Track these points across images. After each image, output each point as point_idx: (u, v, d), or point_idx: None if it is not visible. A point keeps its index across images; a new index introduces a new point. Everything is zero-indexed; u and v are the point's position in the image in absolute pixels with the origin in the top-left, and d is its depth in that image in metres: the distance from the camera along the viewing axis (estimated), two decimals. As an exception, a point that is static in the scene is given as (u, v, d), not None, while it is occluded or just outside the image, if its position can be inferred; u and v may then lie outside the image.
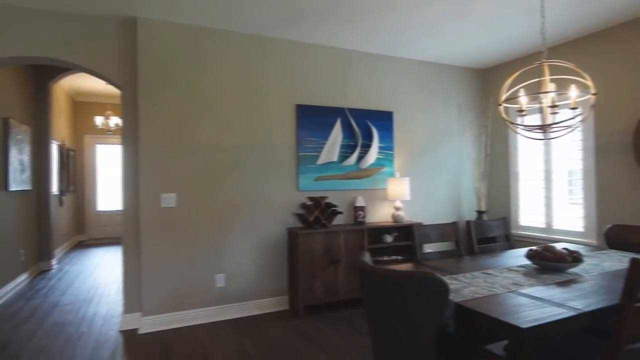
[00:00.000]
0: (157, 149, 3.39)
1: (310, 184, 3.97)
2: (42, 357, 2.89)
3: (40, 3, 3.09)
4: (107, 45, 3.36)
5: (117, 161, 8.78)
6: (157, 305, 3.39)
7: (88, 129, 8.31)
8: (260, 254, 3.78)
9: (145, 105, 3.35)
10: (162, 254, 3.40)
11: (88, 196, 8.47)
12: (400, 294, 1.51)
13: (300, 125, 3.93)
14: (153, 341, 3.15)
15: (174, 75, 3.45)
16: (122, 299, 4.18)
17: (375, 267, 1.58)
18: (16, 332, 3.37)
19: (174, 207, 3.43)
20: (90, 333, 3.34)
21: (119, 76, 3.41)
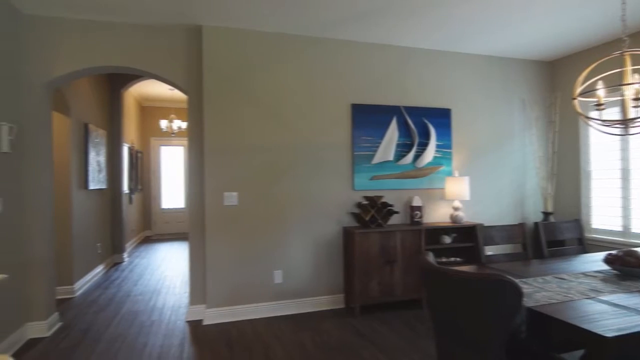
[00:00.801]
0: (220, 150, 3.55)
1: (366, 183, 3.96)
2: (119, 342, 3.15)
3: (118, 17, 3.36)
4: (175, 53, 3.58)
5: (179, 161, 9.32)
6: (220, 299, 3.56)
7: (153, 131, 8.90)
8: (316, 252, 3.84)
9: (209, 109, 3.53)
10: (224, 250, 3.56)
11: (154, 194, 9.07)
12: (471, 296, 1.47)
13: (355, 125, 3.94)
14: (217, 332, 3.31)
15: (235, 78, 3.61)
16: (187, 291, 4.45)
17: (444, 267, 1.55)
18: (96, 319, 3.70)
19: (235, 205, 3.58)
20: (160, 322, 3.58)
21: (185, 82, 3.62)
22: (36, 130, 3.26)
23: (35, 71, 3.27)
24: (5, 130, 2.91)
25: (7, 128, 2.92)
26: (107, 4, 3.10)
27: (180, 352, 2.95)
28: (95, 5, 3.12)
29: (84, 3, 3.09)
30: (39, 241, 3.27)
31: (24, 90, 3.22)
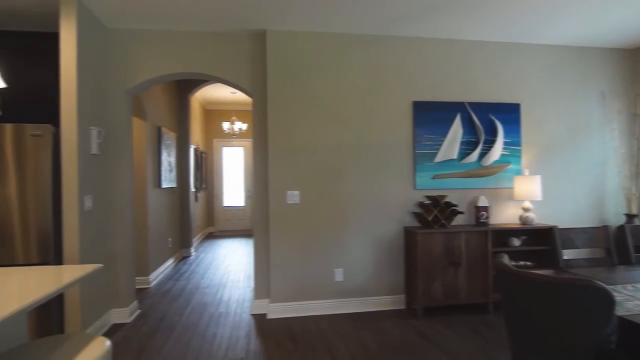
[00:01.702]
0: (283, 150, 3.66)
1: (428, 183, 3.87)
2: (191, 330, 3.37)
3: (191, 26, 3.58)
4: (241, 58, 3.75)
5: (239, 161, 9.72)
6: (283, 294, 3.66)
7: (216, 133, 9.36)
8: (377, 251, 3.82)
9: (272, 110, 3.65)
10: (287, 247, 3.66)
11: (216, 193, 9.54)
12: (555, 302, 1.38)
13: (417, 123, 3.86)
14: (280, 327, 3.41)
15: (298, 80, 3.69)
16: (251, 285, 4.64)
17: (525, 271, 1.47)
18: (169, 308, 3.98)
19: (297, 203, 3.67)
20: (227, 314, 3.77)
21: (250, 85, 3.77)
22: (119, 134, 3.57)
23: (118, 80, 3.58)
24: (95, 134, 3.22)
25: (96, 132, 3.24)
26: (181, 15, 3.32)
27: (247, 344, 3.08)
28: (169, 16, 3.36)
29: (160, 15, 3.33)
30: (122, 235, 3.59)
31: (109, 98, 3.54)
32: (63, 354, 1.49)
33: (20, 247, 2.87)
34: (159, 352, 2.93)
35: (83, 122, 3.04)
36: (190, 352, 2.93)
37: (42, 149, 2.87)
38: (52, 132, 2.88)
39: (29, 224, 2.87)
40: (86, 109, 3.10)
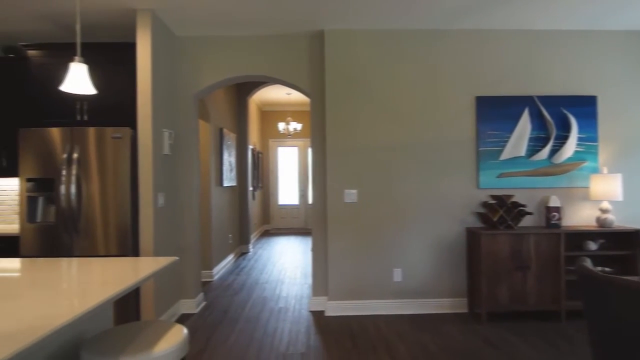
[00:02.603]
0: (340, 149, 3.68)
1: (492, 181, 3.69)
2: (253, 323, 3.49)
3: (252, 31, 3.71)
4: (299, 59, 3.82)
5: (293, 161, 9.91)
6: (341, 292, 3.68)
7: (271, 134, 9.62)
8: (437, 252, 3.71)
9: (330, 109, 3.68)
10: (345, 245, 3.68)
11: (272, 191, 9.81)
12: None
13: (480, 119, 3.69)
14: (339, 324, 3.43)
15: (355, 78, 3.69)
16: (308, 282, 4.71)
17: (617, 277, 1.36)
18: (232, 301, 4.15)
19: (355, 202, 3.66)
20: (287, 309, 3.86)
21: (308, 85, 3.83)
22: (187, 135, 3.79)
23: (186, 85, 3.80)
24: (166, 136, 3.45)
25: (167, 134, 3.46)
26: (243, 20, 3.45)
27: (307, 339, 3.14)
28: (233, 23, 3.50)
29: (224, 22, 3.48)
30: (189, 231, 3.80)
31: (178, 101, 3.77)
32: (147, 339, 1.61)
33: (102, 240, 3.15)
34: (224, 343, 3.07)
35: (156, 125, 3.27)
36: (253, 344, 3.04)
37: (122, 150, 3.12)
38: (131, 135, 3.13)
39: (109, 219, 3.14)
40: (159, 113, 3.33)
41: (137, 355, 1.49)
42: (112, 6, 3.09)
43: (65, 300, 1.51)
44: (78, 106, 3.25)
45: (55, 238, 3.12)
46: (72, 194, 3.08)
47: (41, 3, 3.06)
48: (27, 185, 3.12)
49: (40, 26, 3.46)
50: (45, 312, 1.30)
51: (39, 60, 3.35)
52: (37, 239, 3.13)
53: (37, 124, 3.18)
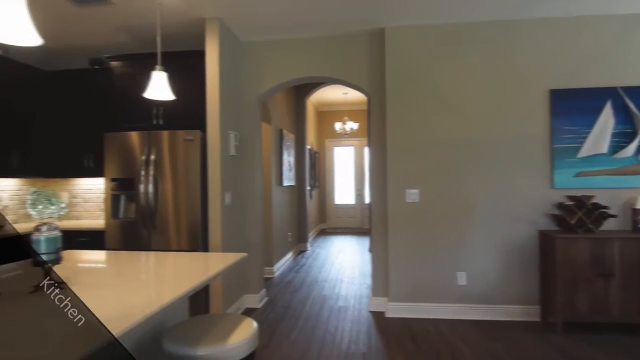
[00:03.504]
0: (401, 148, 3.61)
1: (568, 181, 3.42)
2: (313, 321, 3.54)
3: (312, 33, 3.76)
4: (359, 58, 3.81)
5: (350, 160, 9.90)
6: (402, 294, 3.61)
7: (328, 133, 9.69)
8: (505, 256, 3.51)
9: (391, 107, 3.62)
10: (406, 246, 3.61)
11: (328, 191, 9.88)
12: None
13: (554, 113, 3.43)
14: (400, 326, 3.38)
15: (417, 75, 3.60)
16: (367, 282, 4.69)
17: None
18: (293, 298, 4.24)
19: (417, 202, 3.58)
20: (347, 309, 3.87)
21: (368, 84, 3.81)
22: (251, 137, 3.94)
23: (250, 88, 3.94)
24: (232, 138, 3.61)
25: (233, 135, 3.63)
26: (304, 23, 3.51)
27: (367, 339, 3.13)
28: (294, 25, 3.58)
29: (285, 25, 3.57)
30: (253, 228, 3.95)
31: (243, 104, 3.93)
32: (221, 331, 1.70)
33: (174, 235, 3.37)
34: (287, 338, 3.15)
35: (224, 127, 3.43)
36: (315, 342, 3.09)
37: (193, 151, 3.32)
38: (200, 137, 3.32)
39: (182, 216, 3.35)
40: (226, 116, 3.49)
41: (213, 346, 1.57)
42: (184, 17, 3.30)
43: (151, 290, 1.64)
44: (154, 111, 3.51)
45: (135, 233, 3.39)
46: (149, 193, 3.33)
47: (123, 18, 3.35)
48: (111, 185, 3.43)
49: (121, 39, 3.78)
50: (135, 301, 1.42)
51: (120, 70, 3.67)
52: (119, 234, 3.44)
53: (119, 129, 3.48)
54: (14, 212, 3.94)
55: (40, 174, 3.98)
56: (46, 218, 4.04)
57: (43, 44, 1.32)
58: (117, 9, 3.15)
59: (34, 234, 1.48)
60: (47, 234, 1.48)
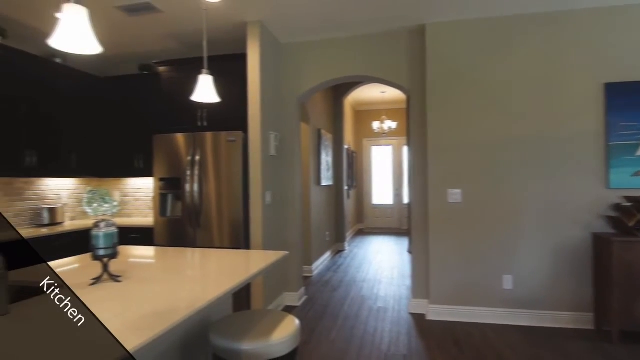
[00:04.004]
0: (443, 147, 3.52)
1: (627, 181, 3.19)
2: (352, 321, 3.54)
3: (350, 32, 3.76)
4: (398, 56, 3.76)
5: (387, 160, 9.79)
6: (443, 296, 3.53)
7: (365, 133, 9.63)
8: (555, 260, 3.34)
9: (432, 106, 3.55)
10: (448, 247, 3.52)
11: (365, 191, 9.82)
12: None
13: (610, 108, 3.22)
14: (441, 329, 3.30)
15: (459, 72, 3.50)
16: (406, 284, 4.62)
17: None
18: (332, 297, 4.26)
19: (459, 202, 3.48)
20: (386, 310, 3.83)
21: (408, 82, 3.75)
22: (290, 137, 4.00)
23: (290, 89, 4.00)
24: (273, 138, 3.68)
25: (273, 136, 3.70)
26: (344, 22, 3.52)
27: (408, 342, 3.08)
28: (334, 26, 3.59)
29: (325, 26, 3.59)
30: (292, 227, 4.01)
31: (283, 105, 3.99)
32: (264, 327, 1.74)
33: (217, 233, 3.49)
34: (327, 337, 3.17)
35: (265, 128, 3.51)
36: (354, 341, 3.09)
37: (235, 152, 3.42)
38: (242, 138, 3.41)
39: (224, 214, 3.46)
40: (266, 117, 3.57)
41: (257, 341, 1.62)
42: (227, 22, 3.41)
43: (199, 285, 1.71)
44: (199, 114, 3.65)
45: (181, 230, 3.54)
46: (195, 192, 3.47)
47: (170, 25, 3.50)
48: (159, 184, 3.60)
49: (168, 45, 3.97)
50: (185, 295, 1.48)
51: (167, 75, 3.84)
52: (167, 231, 3.60)
53: (167, 131, 3.64)
54: (72, 209, 4.23)
55: (95, 174, 4.25)
56: (100, 215, 4.31)
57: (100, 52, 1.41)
58: (165, 16, 3.31)
59: (93, 229, 1.59)
60: (105, 230, 1.58)
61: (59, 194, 4.08)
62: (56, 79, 3.72)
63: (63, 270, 1.88)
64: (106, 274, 1.59)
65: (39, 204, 3.83)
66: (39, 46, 3.71)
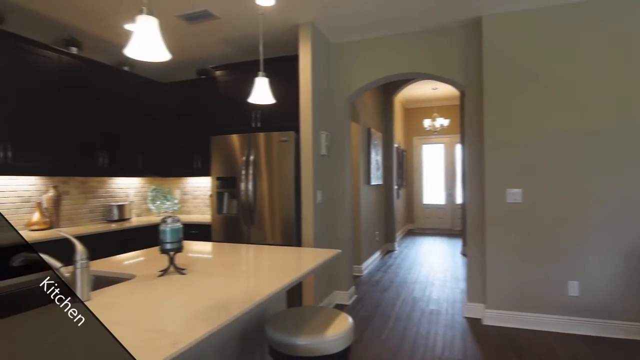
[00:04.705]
0: (501, 144, 3.36)
1: None
2: (404, 322, 3.48)
3: (402, 28, 3.70)
4: (452, 51, 3.64)
5: (439, 159, 9.50)
6: (501, 301, 3.37)
7: (416, 131, 9.42)
8: (627, 266, 3.06)
9: (489, 101, 3.40)
10: (506, 250, 3.35)
11: (416, 190, 9.61)
12: None
13: (696, 100, 2.90)
14: (499, 335, 3.16)
15: (520, 65, 3.32)
16: (460, 287, 4.47)
17: None
18: (382, 298, 4.22)
19: (520, 202, 3.31)
20: (439, 312, 3.73)
21: (462, 77, 3.62)
22: (340, 136, 4.01)
23: (340, 88, 4.02)
24: (324, 138, 3.72)
25: (324, 135, 3.73)
26: (394, 19, 3.47)
27: (463, 346, 2.98)
28: (384, 23, 3.55)
29: (376, 24, 3.56)
30: (343, 226, 4.02)
31: (333, 105, 4.02)
32: (319, 323, 1.77)
33: (269, 230, 3.58)
34: (378, 337, 3.15)
35: (316, 128, 3.56)
36: (406, 343, 3.04)
37: (287, 152, 3.50)
38: (294, 138, 3.48)
39: (276, 212, 3.55)
40: (317, 116, 3.61)
41: (312, 337, 1.65)
42: (280, 24, 3.49)
43: (260, 279, 1.77)
44: (253, 115, 3.77)
45: (236, 227, 3.69)
46: (249, 191, 3.60)
47: (226, 31, 3.66)
48: (216, 183, 3.78)
49: (223, 50, 4.14)
50: (244, 289, 1.54)
51: (223, 79, 4.01)
52: (223, 227, 3.76)
53: (223, 132, 3.81)
54: (138, 206, 4.55)
55: (158, 174, 4.53)
56: (162, 212, 4.61)
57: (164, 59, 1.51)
58: (221, 22, 3.46)
59: (160, 225, 1.70)
60: (172, 225, 1.69)
61: (126, 192, 4.41)
62: (124, 86, 4.02)
63: (133, 262, 2.03)
64: (172, 266, 1.70)
65: (110, 201, 4.16)
66: (109, 55, 4.04)
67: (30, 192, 3.41)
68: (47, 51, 3.27)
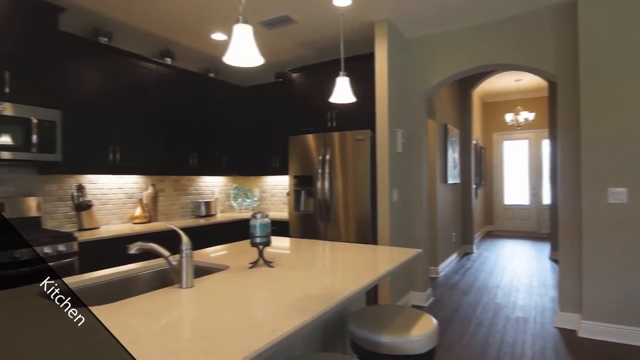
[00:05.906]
0: (602, 137, 3.02)
1: None
2: (486, 328, 3.30)
3: (484, 18, 3.51)
4: (540, 38, 3.36)
5: (522, 155, 8.82)
6: (600, 312, 3.04)
7: (496, 127, 8.85)
8: None
9: (587, 92, 3.08)
10: (607, 255, 3.01)
11: (496, 189, 9.03)
12: None
13: None
14: (598, 350, 2.85)
15: (625, 48, 2.95)
16: (550, 294, 4.13)
17: None
18: (461, 302, 4.04)
19: (624, 203, 2.95)
20: (526, 321, 3.48)
21: (553, 66, 3.33)
22: (417, 134, 3.92)
23: (416, 84, 3.92)
24: (399, 135, 3.66)
25: (400, 133, 3.68)
26: (472, 9, 3.30)
27: (556, 359, 2.74)
28: (461, 14, 3.40)
29: (453, 16, 3.42)
30: (419, 225, 3.92)
31: (409, 101, 3.94)
32: (402, 322, 1.75)
33: (344, 228, 3.62)
34: (459, 342, 3.03)
35: (392, 126, 3.52)
36: (490, 351, 2.88)
37: (363, 150, 3.51)
38: (370, 136, 3.48)
39: (351, 210, 3.57)
40: (393, 114, 3.57)
41: (396, 336, 1.64)
42: (357, 23, 3.51)
43: (339, 275, 1.81)
44: (328, 115, 3.84)
45: (313, 224, 3.78)
46: (325, 189, 3.67)
47: (303, 34, 3.77)
48: (293, 181, 3.91)
49: (300, 52, 4.27)
50: (328, 284, 1.59)
51: (299, 81, 4.14)
52: (300, 224, 3.89)
53: (300, 132, 3.93)
54: (222, 203, 4.88)
55: (239, 173, 4.82)
56: (243, 209, 4.89)
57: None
58: (299, 26, 3.57)
59: (251, 220, 1.81)
60: (261, 220, 1.79)
61: (212, 190, 4.75)
62: (211, 91, 4.34)
63: (224, 254, 2.18)
64: (261, 259, 1.81)
65: (198, 198, 4.52)
66: (197, 63, 4.38)
67: (133, 189, 3.83)
68: (146, 63, 3.65)
